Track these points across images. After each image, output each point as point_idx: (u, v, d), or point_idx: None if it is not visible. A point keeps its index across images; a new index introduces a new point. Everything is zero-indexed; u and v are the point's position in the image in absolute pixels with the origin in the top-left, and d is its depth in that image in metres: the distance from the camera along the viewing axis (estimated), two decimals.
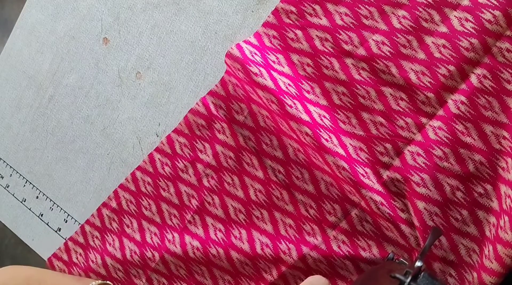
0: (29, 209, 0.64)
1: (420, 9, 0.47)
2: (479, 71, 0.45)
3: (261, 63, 0.51)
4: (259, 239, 0.51)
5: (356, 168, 0.47)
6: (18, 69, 0.66)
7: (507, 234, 0.40)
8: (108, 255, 0.58)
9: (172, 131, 0.56)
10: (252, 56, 0.51)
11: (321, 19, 0.50)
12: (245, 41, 0.52)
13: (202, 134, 0.54)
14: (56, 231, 0.63)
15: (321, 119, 0.49)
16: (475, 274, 0.43)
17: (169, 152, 0.56)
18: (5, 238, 1.41)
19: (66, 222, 0.63)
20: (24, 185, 0.65)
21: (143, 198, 0.57)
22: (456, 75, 0.45)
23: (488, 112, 0.44)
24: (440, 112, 0.46)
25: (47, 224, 0.64)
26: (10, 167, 0.66)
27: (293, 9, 0.51)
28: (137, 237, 0.57)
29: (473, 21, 0.45)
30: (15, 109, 0.66)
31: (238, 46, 0.51)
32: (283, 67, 0.51)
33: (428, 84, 0.46)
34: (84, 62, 0.62)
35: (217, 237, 0.53)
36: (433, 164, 0.45)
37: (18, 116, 0.66)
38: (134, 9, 0.60)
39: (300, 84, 0.51)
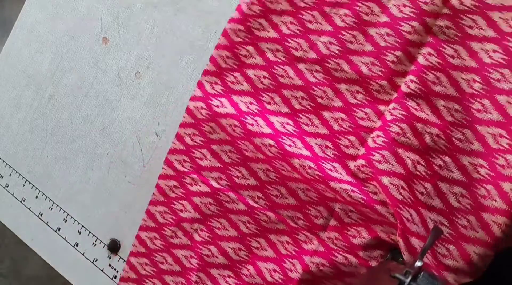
0: (29, 209, 0.64)
1: (360, 4, 0.49)
2: (424, 51, 0.46)
3: (221, 92, 0.53)
4: (265, 267, 0.52)
5: (323, 164, 0.49)
6: (18, 69, 0.66)
7: (493, 201, 0.42)
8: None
9: (149, 204, 0.56)
10: (213, 88, 0.53)
11: (268, 31, 0.52)
12: (203, 74, 0.54)
13: (176, 194, 0.55)
14: (55, 231, 0.63)
15: (284, 127, 0.51)
16: (451, 247, 0.45)
17: (153, 225, 0.56)
18: (5, 238, 1.41)
19: (65, 221, 0.63)
20: (24, 185, 0.65)
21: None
22: (404, 59, 0.47)
23: (437, 87, 0.46)
24: (395, 96, 0.48)
25: (46, 224, 0.64)
26: (10, 166, 0.66)
27: (241, 27, 0.53)
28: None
29: (411, 6, 0.47)
30: (15, 108, 0.66)
31: (199, 84, 0.54)
32: (242, 85, 0.53)
33: (380, 73, 0.48)
34: (83, 62, 0.62)
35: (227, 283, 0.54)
36: (391, 140, 0.46)
37: (18, 116, 0.66)
38: (134, 8, 0.60)
39: (261, 97, 0.53)
